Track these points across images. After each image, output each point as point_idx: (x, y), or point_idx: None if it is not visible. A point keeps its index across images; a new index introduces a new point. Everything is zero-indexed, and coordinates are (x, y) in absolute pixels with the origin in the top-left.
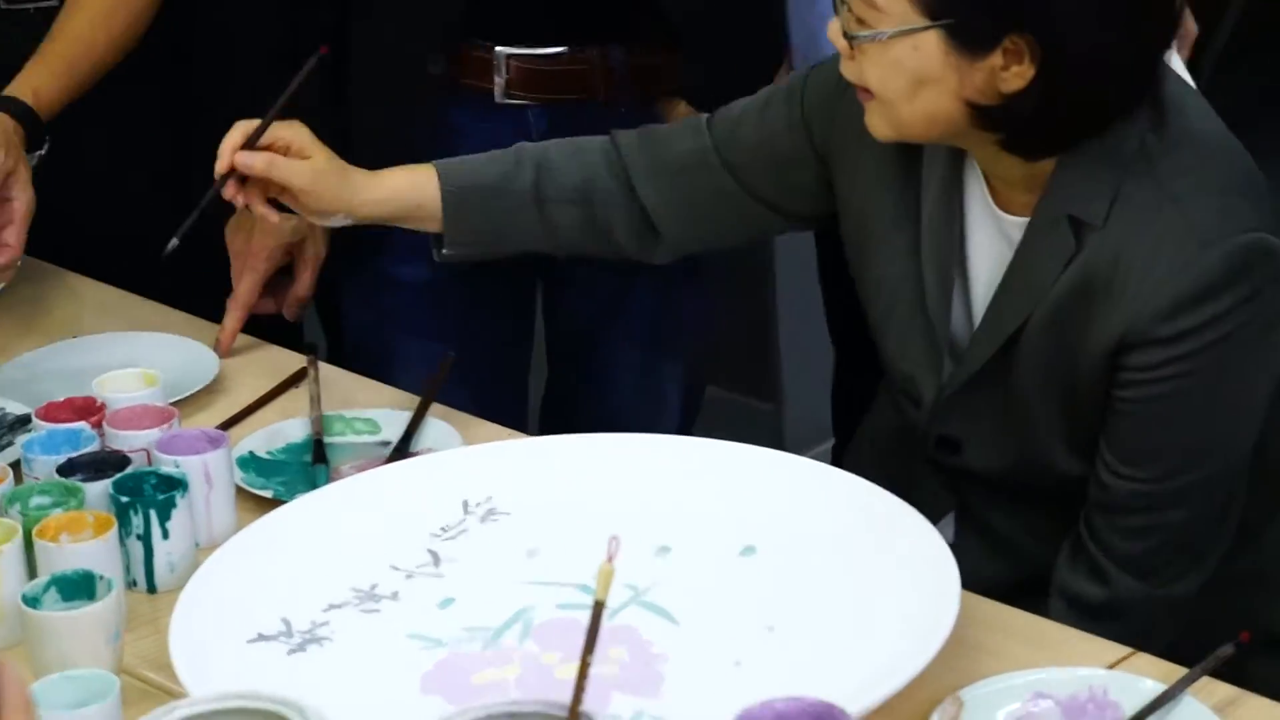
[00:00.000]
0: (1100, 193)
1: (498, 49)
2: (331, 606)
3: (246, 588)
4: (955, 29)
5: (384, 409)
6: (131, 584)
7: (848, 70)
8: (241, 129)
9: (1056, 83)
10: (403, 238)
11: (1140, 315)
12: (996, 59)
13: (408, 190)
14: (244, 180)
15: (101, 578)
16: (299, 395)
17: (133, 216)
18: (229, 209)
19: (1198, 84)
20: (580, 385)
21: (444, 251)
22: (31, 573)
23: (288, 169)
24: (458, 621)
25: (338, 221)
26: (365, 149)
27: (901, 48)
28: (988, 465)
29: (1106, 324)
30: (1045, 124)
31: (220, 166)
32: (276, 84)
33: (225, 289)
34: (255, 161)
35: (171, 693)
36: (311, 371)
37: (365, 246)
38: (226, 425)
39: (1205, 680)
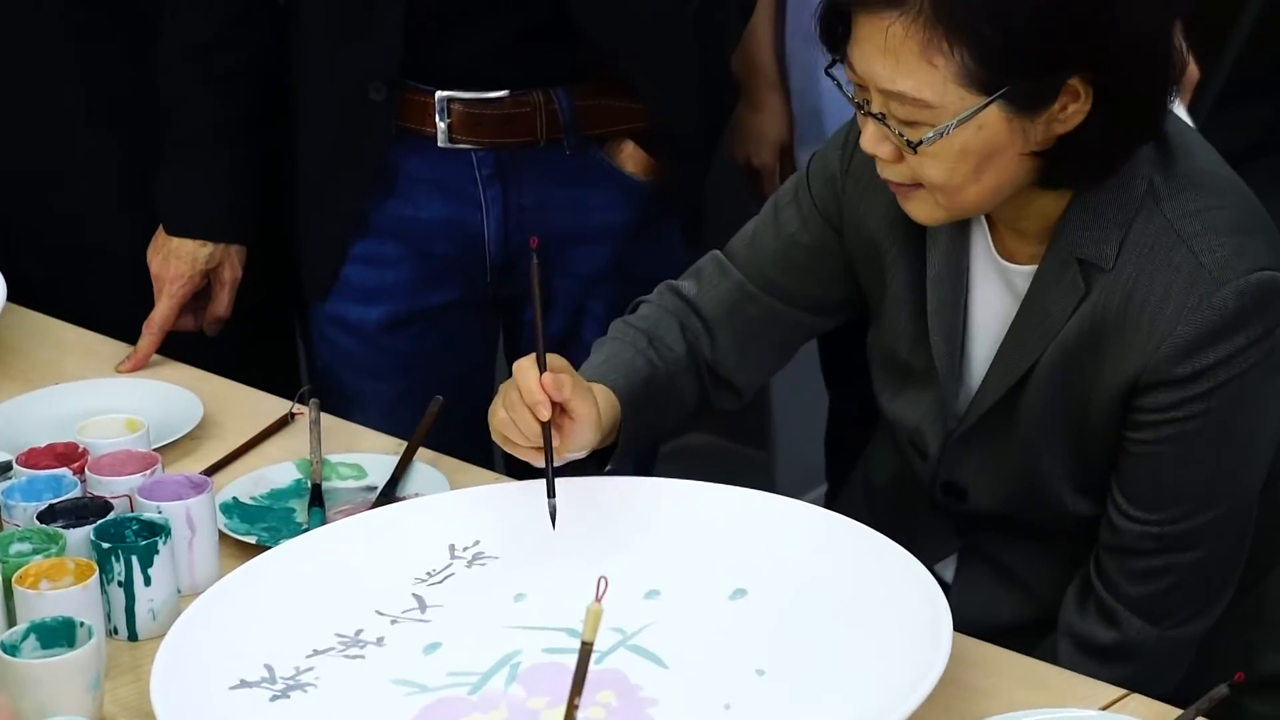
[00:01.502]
0: (1109, 235)
1: (439, 93)
2: (315, 652)
3: (229, 634)
4: (1015, 94)
5: (370, 454)
6: (113, 631)
7: (893, 172)
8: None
9: (1112, 103)
10: (352, 280)
11: (1155, 355)
12: (1056, 105)
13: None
14: None
15: (82, 624)
16: (283, 441)
17: (121, 262)
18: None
19: (1196, 126)
20: None
21: (609, 466)
22: (11, 620)
23: (581, 395)
24: (443, 667)
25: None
26: (313, 178)
27: (965, 133)
28: (994, 507)
29: (1119, 365)
30: (1103, 146)
31: (543, 414)
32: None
33: (213, 338)
34: (563, 387)
35: None
36: (313, 414)
37: (314, 290)
38: (210, 471)
39: None
